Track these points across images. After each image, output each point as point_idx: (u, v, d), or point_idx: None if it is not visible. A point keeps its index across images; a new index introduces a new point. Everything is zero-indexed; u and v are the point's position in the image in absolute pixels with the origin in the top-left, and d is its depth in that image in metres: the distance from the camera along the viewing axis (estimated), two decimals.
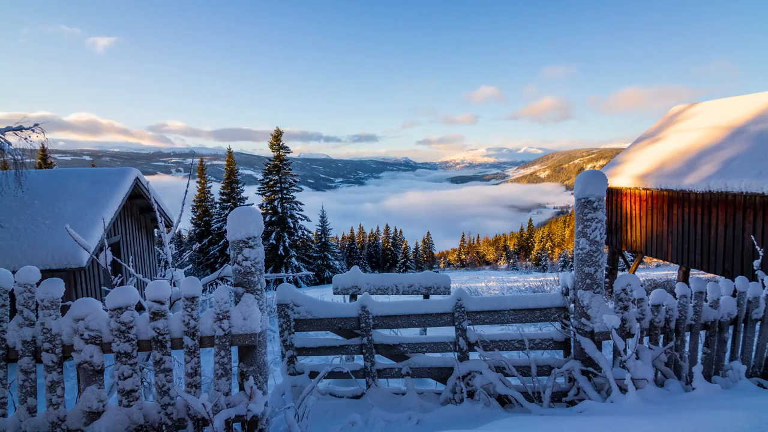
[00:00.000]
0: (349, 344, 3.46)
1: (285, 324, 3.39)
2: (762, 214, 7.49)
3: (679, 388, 2.87)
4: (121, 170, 9.93)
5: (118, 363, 2.29)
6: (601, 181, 2.99)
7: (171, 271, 3.64)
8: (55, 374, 2.29)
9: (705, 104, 11.85)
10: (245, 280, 2.48)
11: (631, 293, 2.98)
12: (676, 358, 3.12)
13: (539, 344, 3.33)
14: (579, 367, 3.10)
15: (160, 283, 2.32)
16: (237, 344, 2.39)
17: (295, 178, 29.80)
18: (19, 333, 2.28)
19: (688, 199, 9.16)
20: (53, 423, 2.29)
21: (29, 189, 8.51)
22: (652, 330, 3.10)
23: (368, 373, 3.45)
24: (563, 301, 3.30)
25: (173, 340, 2.34)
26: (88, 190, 8.91)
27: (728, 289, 3.28)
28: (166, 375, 2.32)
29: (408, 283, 4.82)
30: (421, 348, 3.43)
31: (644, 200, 10.61)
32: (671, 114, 12.88)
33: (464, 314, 3.31)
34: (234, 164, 29.99)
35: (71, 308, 2.30)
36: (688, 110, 12.23)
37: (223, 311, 2.35)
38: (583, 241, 3.04)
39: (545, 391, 3.13)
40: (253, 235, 2.47)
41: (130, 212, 10.90)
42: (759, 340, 3.34)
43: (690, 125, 11.29)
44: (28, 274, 2.29)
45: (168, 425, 2.33)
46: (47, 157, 25.97)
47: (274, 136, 29.37)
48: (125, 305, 2.27)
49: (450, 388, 3.32)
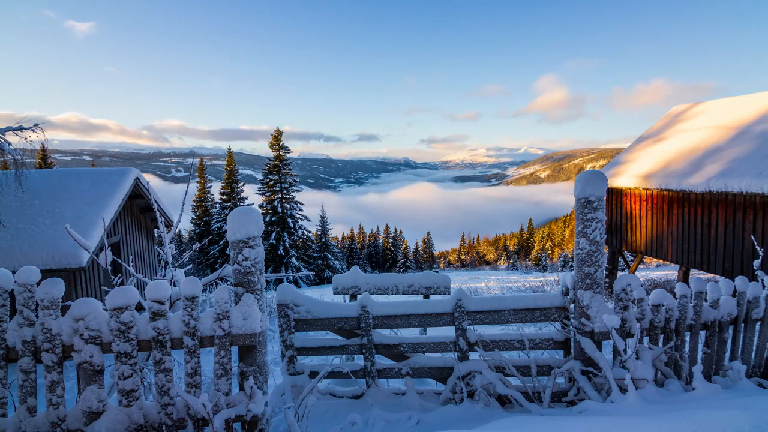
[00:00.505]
0: (349, 344, 3.46)
1: (285, 324, 3.39)
2: (762, 214, 7.49)
3: (679, 388, 2.87)
4: (121, 170, 9.94)
5: (118, 363, 2.29)
6: (601, 181, 2.99)
7: (171, 271, 3.64)
8: (55, 374, 2.30)
9: (707, 104, 11.85)
10: (245, 280, 2.48)
11: (631, 293, 2.98)
12: (676, 358, 3.12)
13: (539, 344, 3.33)
14: (579, 367, 3.10)
15: (160, 283, 2.32)
16: (237, 344, 2.39)
17: (295, 178, 29.82)
18: (19, 333, 2.28)
19: (688, 199, 9.16)
20: (53, 423, 2.29)
21: (29, 189, 8.51)
22: (652, 330, 3.10)
23: (368, 373, 3.45)
24: (563, 301, 3.30)
25: (173, 340, 2.34)
26: (88, 190, 8.91)
27: (728, 289, 3.28)
28: (166, 375, 2.32)
29: (408, 283, 4.82)
30: (421, 348, 3.43)
31: (644, 200, 10.60)
32: (673, 114, 12.88)
33: (464, 314, 3.31)
34: (234, 164, 30.00)
35: (71, 308, 2.30)
36: (690, 110, 12.23)
37: (223, 311, 2.35)
38: (583, 241, 3.04)
39: (545, 391, 3.13)
40: (253, 235, 2.47)
41: (130, 212, 10.91)
42: (759, 340, 3.34)
43: (691, 125, 11.29)
44: (28, 274, 2.29)
45: (168, 425, 2.33)
46: (47, 157, 25.97)
47: (274, 136, 29.37)
48: (125, 305, 2.27)
49: (450, 388, 3.32)
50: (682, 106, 12.82)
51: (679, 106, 13.00)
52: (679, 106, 12.96)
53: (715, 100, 11.70)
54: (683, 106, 12.81)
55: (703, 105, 12.00)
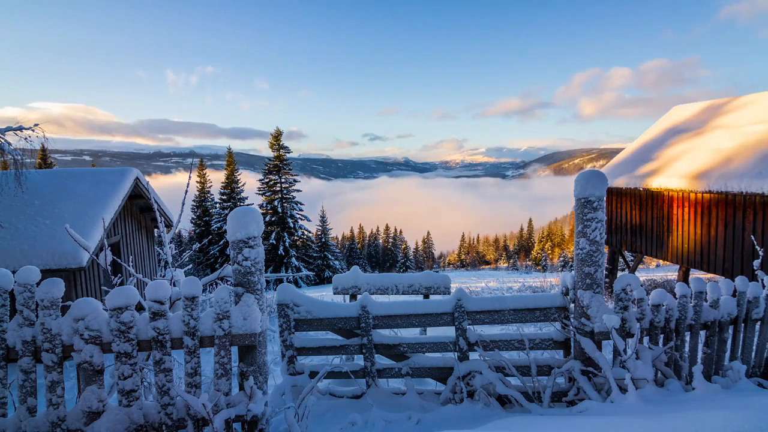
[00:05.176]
0: (349, 344, 3.46)
1: (285, 324, 3.39)
2: (762, 214, 7.49)
3: (679, 388, 2.87)
4: (121, 170, 9.93)
5: (118, 363, 2.29)
6: (601, 181, 2.99)
7: (171, 271, 3.64)
8: (55, 374, 2.29)
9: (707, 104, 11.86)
10: (245, 280, 2.48)
11: (631, 293, 2.98)
12: (676, 358, 3.12)
13: (539, 344, 3.33)
14: (579, 367, 3.10)
15: (160, 283, 2.32)
16: (237, 344, 2.39)
17: (296, 178, 29.82)
18: (19, 333, 2.28)
19: (689, 199, 9.16)
20: (53, 423, 2.29)
21: (29, 189, 8.51)
22: (652, 330, 3.10)
23: (368, 373, 3.45)
24: (563, 301, 3.30)
25: (173, 340, 2.34)
26: (88, 190, 8.90)
27: (728, 289, 3.28)
28: (166, 375, 2.32)
29: (408, 283, 4.82)
30: (421, 348, 3.43)
31: (644, 200, 10.61)
32: (672, 114, 12.89)
33: (464, 314, 3.31)
34: (234, 164, 30.00)
35: (71, 308, 2.30)
36: (691, 110, 12.23)
37: (223, 311, 2.35)
38: (583, 241, 3.04)
39: (545, 391, 3.13)
40: (253, 235, 2.47)
41: (130, 212, 10.91)
42: (759, 340, 3.34)
43: (691, 125, 11.29)
44: (28, 274, 2.29)
45: (168, 425, 2.33)
46: (47, 157, 25.98)
47: (274, 136, 29.38)
48: (125, 305, 2.27)
49: (450, 388, 3.32)
50: (682, 106, 12.83)
51: (679, 106, 13.02)
52: (679, 106, 12.98)
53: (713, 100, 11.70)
54: (683, 106, 12.83)
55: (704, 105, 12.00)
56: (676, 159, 10.11)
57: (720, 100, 11.52)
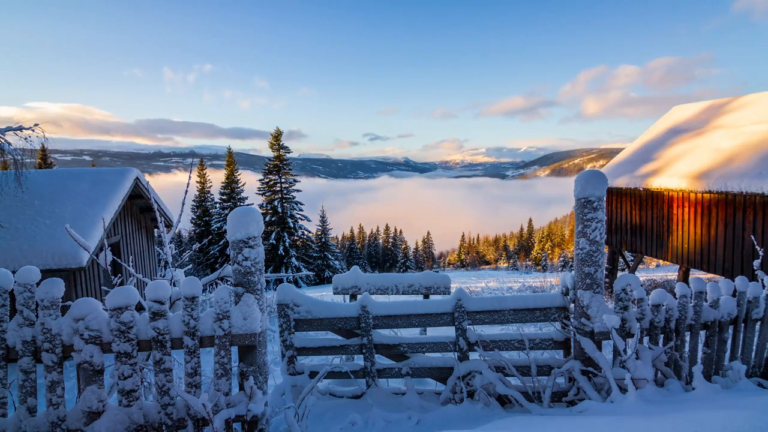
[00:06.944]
0: (349, 344, 3.46)
1: (285, 324, 3.39)
2: (762, 214, 7.49)
3: (679, 388, 2.87)
4: (121, 170, 9.93)
5: (118, 363, 2.29)
6: (601, 181, 2.99)
7: (171, 271, 3.64)
8: (55, 374, 2.29)
9: (708, 103, 11.86)
10: (245, 280, 2.48)
11: (631, 293, 2.98)
12: (676, 358, 3.12)
13: (539, 344, 3.33)
14: (579, 367, 3.10)
15: (160, 283, 2.32)
16: (237, 344, 2.39)
17: (296, 178, 29.82)
18: (19, 333, 2.28)
19: (689, 199, 9.16)
20: (53, 423, 2.29)
21: (29, 189, 8.50)
22: (652, 330, 3.10)
23: (368, 373, 3.45)
24: (563, 301, 3.30)
25: (173, 340, 2.34)
26: (88, 190, 8.90)
27: (728, 289, 3.28)
28: (166, 375, 2.32)
29: (408, 283, 4.82)
30: (421, 348, 3.42)
31: (644, 200, 10.61)
32: (673, 114, 12.89)
33: (464, 314, 3.31)
34: (234, 164, 30.00)
35: (71, 308, 2.30)
36: (692, 110, 12.23)
37: (223, 311, 2.35)
38: (583, 241, 3.04)
39: (545, 391, 3.13)
40: (253, 235, 2.47)
41: (130, 212, 10.90)
42: (759, 340, 3.34)
43: (692, 125, 11.29)
44: (28, 274, 2.29)
45: (168, 425, 2.33)
46: (47, 157, 25.97)
47: (274, 136, 29.38)
48: (125, 305, 2.27)
49: (450, 388, 3.32)
50: (682, 106, 12.83)
51: (679, 106, 13.03)
52: (679, 107, 12.98)
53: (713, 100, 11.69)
54: (683, 106, 12.83)
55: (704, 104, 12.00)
56: (676, 159, 10.11)
57: (721, 99, 11.52)
